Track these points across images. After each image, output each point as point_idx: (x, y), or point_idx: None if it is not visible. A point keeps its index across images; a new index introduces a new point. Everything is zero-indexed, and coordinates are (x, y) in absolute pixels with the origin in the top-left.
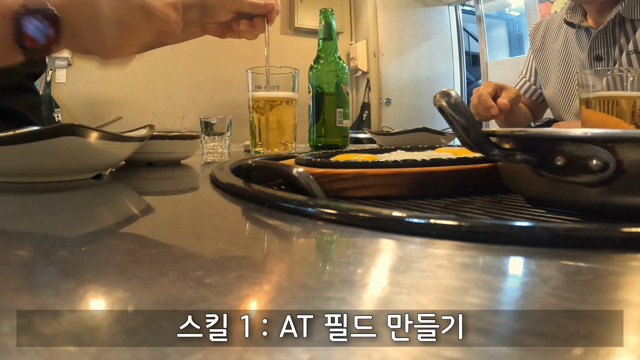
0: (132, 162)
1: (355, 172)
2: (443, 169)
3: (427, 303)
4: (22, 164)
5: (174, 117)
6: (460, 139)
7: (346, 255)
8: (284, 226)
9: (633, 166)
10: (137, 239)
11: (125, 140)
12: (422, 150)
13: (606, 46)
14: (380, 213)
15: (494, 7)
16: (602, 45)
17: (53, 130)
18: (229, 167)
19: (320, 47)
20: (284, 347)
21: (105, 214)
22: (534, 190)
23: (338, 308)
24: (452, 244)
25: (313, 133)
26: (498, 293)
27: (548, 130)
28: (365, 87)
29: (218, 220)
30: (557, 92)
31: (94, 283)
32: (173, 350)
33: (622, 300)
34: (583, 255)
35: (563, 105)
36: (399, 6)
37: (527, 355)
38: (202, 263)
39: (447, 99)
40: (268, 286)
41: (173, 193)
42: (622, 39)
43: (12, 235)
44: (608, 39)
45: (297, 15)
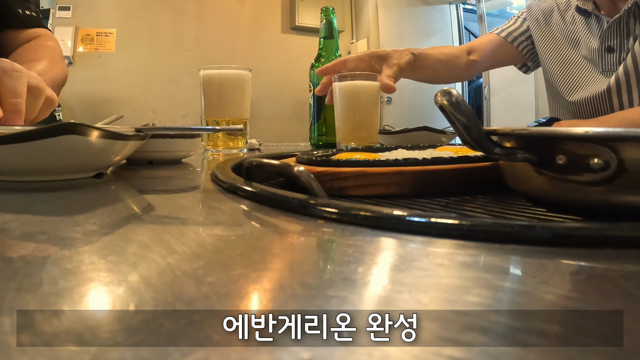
0: (133, 160)
1: (356, 170)
2: (444, 167)
3: (428, 302)
4: (23, 162)
5: (174, 116)
6: (461, 138)
7: (347, 254)
8: (284, 225)
9: (634, 165)
10: (138, 237)
11: (127, 139)
12: (423, 149)
13: (619, 37)
14: (381, 212)
15: (495, 5)
16: (614, 36)
17: (54, 128)
18: (230, 165)
19: (321, 45)
20: (285, 347)
21: (106, 212)
22: (535, 189)
23: (339, 307)
24: (453, 243)
25: (314, 132)
26: (499, 292)
27: (549, 129)
28: None
29: (219, 219)
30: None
31: (95, 282)
32: (174, 350)
33: (622, 300)
34: (584, 254)
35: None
36: (400, 5)
37: (528, 354)
38: (203, 262)
39: (448, 97)
40: (269, 285)
41: (174, 192)
42: (638, 29)
43: (13, 234)
44: (622, 29)
45: (298, 14)
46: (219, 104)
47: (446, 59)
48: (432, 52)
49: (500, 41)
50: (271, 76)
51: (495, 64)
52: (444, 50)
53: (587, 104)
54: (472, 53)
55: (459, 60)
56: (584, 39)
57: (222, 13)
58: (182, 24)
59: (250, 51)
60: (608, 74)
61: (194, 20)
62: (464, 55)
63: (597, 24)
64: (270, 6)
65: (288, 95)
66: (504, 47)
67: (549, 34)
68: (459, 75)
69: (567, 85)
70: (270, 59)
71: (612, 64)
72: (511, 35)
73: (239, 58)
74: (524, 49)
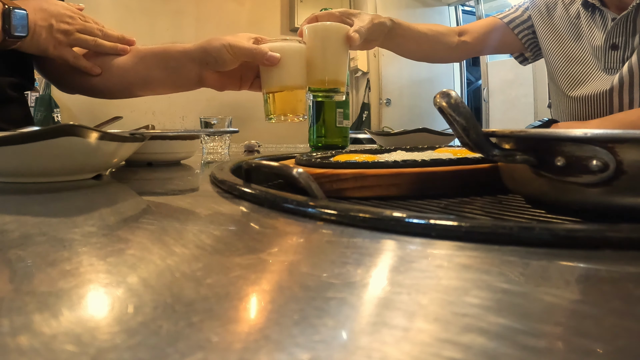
0: (132, 162)
1: (356, 172)
2: (443, 169)
3: (427, 303)
4: (22, 164)
5: (174, 117)
6: (460, 140)
7: (346, 256)
8: (283, 226)
9: (633, 167)
10: (137, 239)
11: (125, 141)
12: (422, 151)
13: (625, 35)
14: (381, 213)
15: (493, 7)
16: (620, 33)
17: (53, 130)
18: (229, 167)
19: None
20: (284, 347)
21: (105, 214)
22: (534, 191)
23: (338, 308)
24: (452, 245)
25: (313, 133)
26: (498, 293)
27: (548, 131)
28: (365, 88)
29: (218, 221)
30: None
31: (94, 283)
32: (173, 350)
33: (621, 302)
34: (583, 255)
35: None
36: (399, 6)
37: (527, 355)
38: (202, 263)
39: (447, 99)
40: (268, 286)
41: (173, 193)
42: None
43: (12, 235)
44: (628, 27)
45: (297, 16)
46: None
47: (432, 34)
48: (416, 25)
49: (500, 25)
50: None
51: (489, 48)
52: (431, 27)
53: (587, 101)
54: (464, 34)
55: (446, 38)
56: (587, 34)
57: (221, 14)
58: (181, 25)
59: None
60: (610, 71)
61: (193, 22)
62: (454, 35)
63: (601, 19)
64: (270, 8)
65: None
66: (503, 31)
67: (552, 27)
68: (445, 54)
69: (568, 80)
70: None
71: (615, 62)
72: (513, 21)
73: None
74: (524, 37)
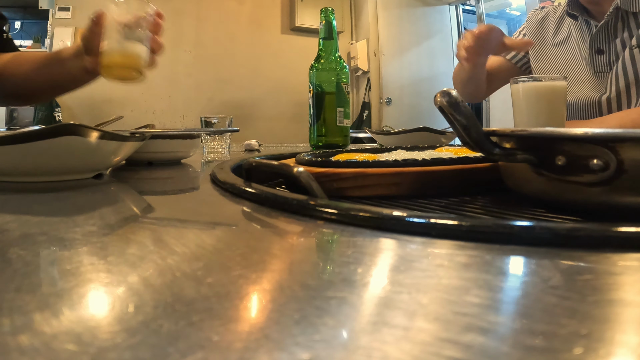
0: (132, 161)
1: (356, 171)
2: (444, 168)
3: (427, 302)
4: (23, 163)
5: (174, 117)
6: (460, 139)
7: (346, 255)
8: (284, 225)
9: (634, 166)
10: (137, 238)
11: (126, 140)
12: (423, 150)
13: (607, 41)
14: (381, 212)
15: (494, 6)
16: (603, 39)
17: (54, 129)
18: (230, 166)
19: (320, 46)
20: (284, 347)
21: (105, 213)
22: (534, 190)
23: (339, 307)
24: (453, 244)
25: (313, 132)
26: (498, 293)
27: (549, 130)
28: (365, 87)
29: (218, 220)
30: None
31: (95, 282)
32: (173, 350)
33: (622, 300)
34: (583, 255)
35: None
36: (400, 5)
37: (527, 355)
38: (203, 262)
39: (448, 98)
40: (268, 285)
41: (173, 192)
42: (625, 33)
43: (13, 235)
44: (609, 33)
45: (298, 15)
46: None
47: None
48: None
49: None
50: (271, 77)
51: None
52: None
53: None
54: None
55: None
56: (577, 44)
57: (221, 14)
58: (182, 24)
59: (250, 52)
60: (600, 75)
61: (194, 21)
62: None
63: (587, 27)
64: (270, 7)
65: (288, 96)
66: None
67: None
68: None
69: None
70: (269, 60)
71: (602, 65)
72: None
73: (238, 59)
74: (522, 65)
